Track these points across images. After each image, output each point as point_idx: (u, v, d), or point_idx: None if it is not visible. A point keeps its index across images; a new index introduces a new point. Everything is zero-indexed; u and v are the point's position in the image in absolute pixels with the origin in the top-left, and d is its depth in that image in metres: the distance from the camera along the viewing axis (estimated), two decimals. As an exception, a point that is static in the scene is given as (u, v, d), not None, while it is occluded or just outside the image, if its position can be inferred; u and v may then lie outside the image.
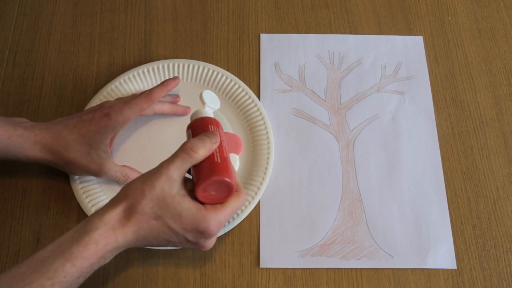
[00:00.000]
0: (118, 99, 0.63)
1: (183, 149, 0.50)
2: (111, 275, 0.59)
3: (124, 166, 0.61)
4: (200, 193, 0.50)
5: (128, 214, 0.48)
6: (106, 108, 0.59)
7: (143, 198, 0.48)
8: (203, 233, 0.49)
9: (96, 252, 0.46)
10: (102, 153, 0.58)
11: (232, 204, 0.51)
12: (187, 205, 0.49)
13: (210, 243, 0.52)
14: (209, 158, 0.51)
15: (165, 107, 0.65)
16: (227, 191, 0.51)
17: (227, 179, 0.50)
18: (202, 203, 0.50)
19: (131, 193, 0.49)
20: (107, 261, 0.48)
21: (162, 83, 0.63)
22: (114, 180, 0.61)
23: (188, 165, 0.50)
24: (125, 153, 0.65)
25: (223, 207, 0.50)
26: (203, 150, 0.50)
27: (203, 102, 0.59)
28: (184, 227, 0.49)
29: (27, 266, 0.44)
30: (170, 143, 0.64)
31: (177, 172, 0.49)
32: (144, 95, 0.60)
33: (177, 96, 0.68)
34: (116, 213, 0.48)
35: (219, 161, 0.51)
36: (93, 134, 0.57)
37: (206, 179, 0.49)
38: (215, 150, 0.51)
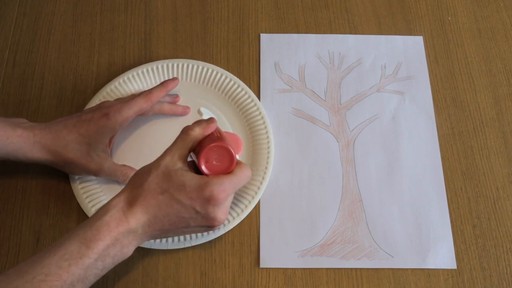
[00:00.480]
0: (117, 99, 0.64)
1: (182, 131, 0.54)
2: (111, 275, 0.59)
3: (124, 165, 0.61)
4: (202, 163, 0.52)
5: (136, 194, 0.49)
6: (105, 108, 0.59)
7: (149, 175, 0.50)
8: (209, 200, 0.50)
9: (109, 233, 0.47)
10: (101, 153, 0.59)
11: (236, 172, 0.53)
12: (190, 175, 0.51)
13: (220, 214, 0.52)
14: (209, 136, 0.54)
15: (165, 107, 0.66)
16: (229, 160, 0.53)
17: (226, 146, 0.52)
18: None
19: (138, 176, 0.51)
20: (127, 251, 0.49)
21: (162, 84, 0.63)
22: (114, 180, 0.61)
23: (188, 143, 0.53)
24: (124, 153, 0.65)
25: (226, 175, 0.52)
26: (199, 128, 0.53)
27: (200, 114, 0.59)
28: (190, 195, 0.50)
29: (46, 250, 0.46)
30: (169, 143, 0.64)
31: (179, 151, 0.52)
32: (143, 96, 0.61)
33: (176, 96, 0.68)
34: (124, 196, 0.50)
35: (218, 135, 0.54)
36: (92, 134, 0.58)
37: (206, 147, 0.52)
38: (214, 130, 0.55)
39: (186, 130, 0.53)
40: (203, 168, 0.52)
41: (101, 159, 0.59)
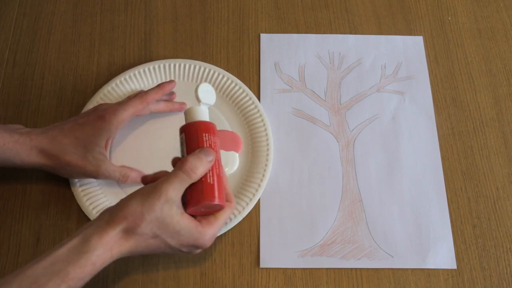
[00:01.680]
0: (115, 103, 0.63)
1: (182, 170, 0.50)
2: (111, 275, 0.59)
3: (123, 166, 0.61)
4: (191, 211, 0.52)
5: (127, 236, 0.48)
6: (101, 111, 0.59)
7: (142, 221, 0.48)
8: (198, 247, 0.52)
9: (92, 271, 0.46)
10: (99, 155, 0.58)
11: (224, 216, 0.53)
12: (186, 222, 0.50)
13: (206, 247, 0.54)
14: (202, 179, 0.51)
15: (161, 106, 0.65)
16: (217, 209, 0.53)
17: (217, 203, 0.52)
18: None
19: (130, 214, 0.48)
20: (102, 267, 0.48)
21: (158, 86, 0.63)
22: (114, 181, 0.61)
23: (186, 185, 0.50)
24: (123, 154, 0.65)
25: (216, 221, 0.52)
26: (202, 169, 0.51)
27: (198, 99, 0.57)
28: (181, 243, 0.51)
29: (19, 284, 0.43)
30: (167, 142, 0.64)
31: (176, 192, 0.49)
32: (139, 97, 0.61)
33: (172, 93, 0.68)
34: (115, 234, 0.47)
35: (211, 182, 0.52)
36: (88, 137, 0.58)
37: (197, 203, 0.51)
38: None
39: (187, 171, 0.50)
40: (191, 213, 0.52)
41: (98, 161, 0.58)
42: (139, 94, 0.61)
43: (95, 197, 0.62)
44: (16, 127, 0.59)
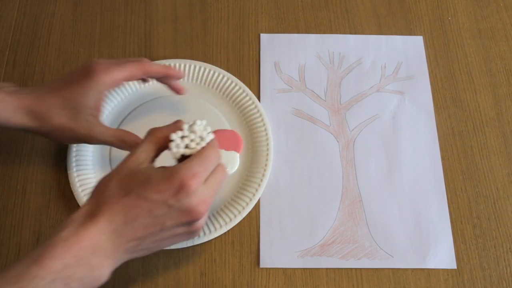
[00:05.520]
0: (110, 60, 0.57)
1: (148, 133, 0.48)
2: (111, 275, 0.59)
3: (119, 129, 0.57)
4: None
5: (97, 204, 0.43)
6: (91, 67, 0.53)
7: (110, 181, 0.44)
8: (181, 188, 0.43)
9: (68, 250, 0.40)
10: (90, 117, 0.53)
11: (203, 151, 0.46)
12: (156, 169, 0.45)
13: (196, 204, 0.44)
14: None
15: (157, 67, 0.58)
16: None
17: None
18: None
19: (99, 185, 0.45)
20: (99, 274, 0.43)
21: (165, 65, 0.59)
22: (109, 146, 0.57)
23: (154, 145, 0.47)
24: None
25: (192, 156, 0.46)
26: (166, 129, 0.47)
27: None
28: (158, 188, 0.43)
29: None
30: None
31: (144, 153, 0.46)
32: (139, 61, 0.55)
33: (181, 72, 0.62)
34: (84, 209, 0.43)
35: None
36: (75, 97, 0.52)
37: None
38: None
39: (152, 131, 0.48)
40: None
41: (89, 124, 0.53)
42: (140, 59, 0.56)
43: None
44: (3, 85, 0.54)
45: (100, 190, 0.44)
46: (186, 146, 0.47)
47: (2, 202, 0.63)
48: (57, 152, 0.65)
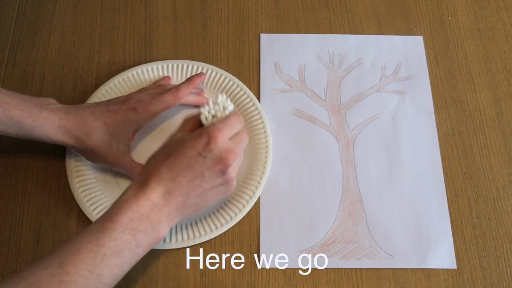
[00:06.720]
0: (141, 89, 0.64)
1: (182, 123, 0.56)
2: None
3: (142, 164, 0.60)
4: None
5: (147, 171, 0.50)
6: (134, 102, 0.59)
7: (155, 154, 0.52)
8: (209, 141, 0.51)
9: (130, 207, 0.48)
10: (123, 146, 0.59)
11: (228, 117, 0.54)
12: (188, 133, 0.53)
13: (225, 152, 0.51)
14: None
15: (191, 99, 0.66)
16: None
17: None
18: None
19: (148, 159, 0.53)
20: (159, 229, 0.49)
21: (188, 80, 0.64)
22: (128, 175, 0.62)
23: (185, 127, 0.55)
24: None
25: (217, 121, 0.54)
26: (195, 113, 0.56)
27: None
28: (191, 145, 0.51)
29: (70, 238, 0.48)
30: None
31: (180, 134, 0.54)
32: (171, 93, 0.61)
33: (201, 90, 0.68)
34: (137, 179, 0.50)
35: None
36: (117, 125, 0.58)
37: None
38: None
39: (184, 121, 0.56)
40: None
41: (120, 153, 0.59)
42: (172, 90, 0.61)
43: (95, 197, 0.62)
44: (48, 102, 0.59)
45: (149, 161, 0.52)
46: (213, 117, 0.55)
47: (2, 202, 0.63)
48: (57, 152, 0.65)
